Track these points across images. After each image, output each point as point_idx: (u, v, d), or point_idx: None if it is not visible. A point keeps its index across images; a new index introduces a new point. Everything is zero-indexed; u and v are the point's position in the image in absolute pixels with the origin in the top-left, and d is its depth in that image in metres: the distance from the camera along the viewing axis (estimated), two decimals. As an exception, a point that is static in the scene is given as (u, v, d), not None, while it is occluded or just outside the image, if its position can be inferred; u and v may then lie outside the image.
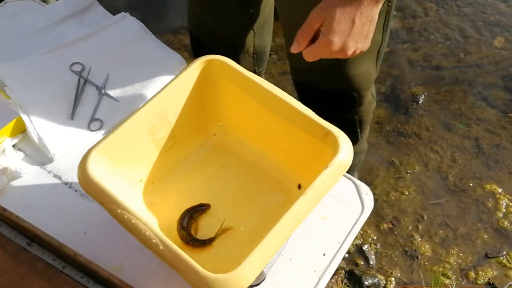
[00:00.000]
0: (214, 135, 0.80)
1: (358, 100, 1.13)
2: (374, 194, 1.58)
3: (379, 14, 0.81)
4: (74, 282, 0.73)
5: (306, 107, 0.69)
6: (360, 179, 0.88)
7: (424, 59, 2.02)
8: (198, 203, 0.74)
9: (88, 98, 0.93)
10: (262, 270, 0.71)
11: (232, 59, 0.75)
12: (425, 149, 1.74)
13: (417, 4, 2.20)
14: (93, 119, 0.91)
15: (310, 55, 0.80)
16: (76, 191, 0.83)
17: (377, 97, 1.87)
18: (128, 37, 1.01)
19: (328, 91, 1.00)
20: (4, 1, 1.09)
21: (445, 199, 1.63)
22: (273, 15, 1.24)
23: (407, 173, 1.68)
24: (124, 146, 0.68)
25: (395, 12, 2.17)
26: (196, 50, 1.31)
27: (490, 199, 1.62)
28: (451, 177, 1.68)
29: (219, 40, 1.20)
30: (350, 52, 0.80)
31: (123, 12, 1.04)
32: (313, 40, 0.79)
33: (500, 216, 1.59)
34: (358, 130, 1.25)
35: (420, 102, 1.87)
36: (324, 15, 0.77)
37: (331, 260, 0.77)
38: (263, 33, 1.25)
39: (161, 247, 0.57)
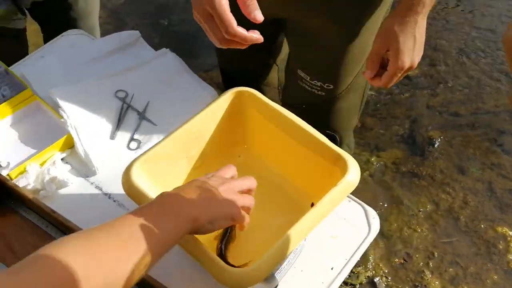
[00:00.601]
0: (239, 156, 0.91)
1: (338, 145, 1.20)
2: (388, 230, 1.67)
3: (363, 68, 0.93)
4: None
5: (322, 135, 0.79)
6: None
7: (442, 105, 2.11)
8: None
9: (129, 121, 1.05)
10: (275, 277, 0.79)
11: (259, 91, 0.86)
12: (438, 190, 1.81)
13: (437, 53, 2.32)
14: (132, 139, 1.02)
15: (385, 80, 0.90)
16: (114, 201, 0.94)
17: (395, 138, 1.97)
18: (168, 70, 1.13)
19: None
20: (62, 34, 1.23)
21: (456, 238, 1.69)
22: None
23: (420, 211, 1.75)
24: (162, 159, 0.79)
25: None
26: (226, 84, 1.43)
27: (501, 241, 1.68)
28: (462, 218, 1.74)
29: (245, 74, 1.31)
30: (416, 65, 0.90)
31: (164, 49, 1.17)
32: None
33: (511, 258, 1.63)
34: None
35: (436, 145, 1.95)
36: (388, 41, 0.87)
37: (338, 274, 0.85)
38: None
39: (189, 243, 0.67)
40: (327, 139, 0.79)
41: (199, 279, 0.80)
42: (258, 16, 0.69)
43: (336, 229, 0.90)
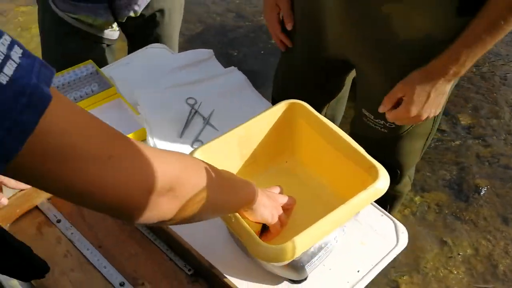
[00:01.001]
0: (286, 162, 1.03)
1: (398, 176, 1.29)
2: (424, 267, 1.71)
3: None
4: (160, 253, 0.96)
5: (360, 146, 0.90)
6: (413, 251, 1.04)
7: (493, 156, 2.15)
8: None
9: (195, 125, 1.20)
10: (305, 269, 0.89)
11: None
12: (479, 236, 1.84)
13: (493, 106, 2.36)
14: (196, 140, 1.17)
15: (392, 117, 1.06)
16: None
17: (441, 182, 2.02)
18: (233, 85, 1.28)
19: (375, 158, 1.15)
20: (146, 47, 1.42)
21: (493, 285, 1.70)
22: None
23: (459, 254, 1.78)
24: (219, 151, 0.92)
25: (470, 111, 2.34)
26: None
27: (538, 295, 1.68)
28: (501, 266, 1.75)
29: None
30: (423, 118, 1.04)
31: (233, 67, 1.33)
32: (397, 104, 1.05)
33: (547, 312, 1.63)
34: (388, 206, 1.40)
35: (482, 193, 1.98)
36: (406, 89, 1.01)
37: (364, 276, 0.94)
38: (336, 106, 1.42)
39: (233, 220, 0.79)
40: (364, 150, 0.89)
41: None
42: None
43: (366, 237, 0.99)
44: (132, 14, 1.42)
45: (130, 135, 1.13)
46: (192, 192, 0.58)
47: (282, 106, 0.98)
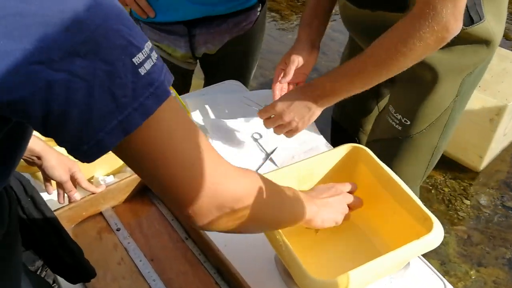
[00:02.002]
0: (342, 204, 1.04)
1: None
2: None
3: (439, 120, 1.20)
4: (208, 275, 0.99)
5: (416, 196, 0.91)
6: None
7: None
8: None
9: (257, 158, 1.25)
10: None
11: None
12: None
13: None
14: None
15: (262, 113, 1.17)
16: (228, 216, 1.12)
17: (501, 260, 1.93)
18: None
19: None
20: (223, 82, 1.51)
21: None
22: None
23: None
24: (278, 183, 0.95)
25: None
26: (333, 134, 1.66)
27: None
28: None
29: (352, 123, 1.48)
30: (285, 119, 1.12)
31: None
32: None
33: None
34: None
35: (544, 277, 1.88)
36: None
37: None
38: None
39: (283, 248, 0.81)
40: (420, 200, 0.90)
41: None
42: None
43: (413, 292, 0.98)
44: (208, 51, 1.52)
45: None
46: (252, 213, 0.64)
47: (344, 148, 1.00)
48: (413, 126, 1.25)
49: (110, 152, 0.52)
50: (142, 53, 0.49)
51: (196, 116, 1.33)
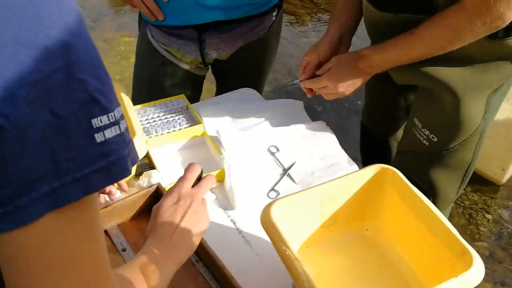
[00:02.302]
0: (367, 229, 0.96)
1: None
2: None
3: (471, 139, 1.13)
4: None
5: (453, 227, 0.82)
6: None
7: None
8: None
9: (274, 174, 1.16)
10: None
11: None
12: None
13: None
14: (272, 189, 1.13)
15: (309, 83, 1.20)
16: (243, 237, 1.04)
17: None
18: (319, 140, 1.24)
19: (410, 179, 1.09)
20: (237, 90, 1.43)
21: None
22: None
23: None
24: (299, 206, 0.87)
25: None
26: (363, 136, 1.60)
27: None
28: None
29: (381, 129, 1.42)
30: (340, 90, 1.16)
31: (321, 121, 1.29)
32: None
33: None
34: None
35: None
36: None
37: None
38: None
39: (305, 284, 0.73)
40: (457, 232, 0.81)
41: None
42: None
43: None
44: (219, 57, 1.44)
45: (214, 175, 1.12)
46: None
47: (372, 169, 0.92)
48: (441, 144, 1.19)
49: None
50: (107, 117, 0.41)
51: (209, 127, 1.25)
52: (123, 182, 0.98)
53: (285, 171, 1.17)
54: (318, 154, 1.21)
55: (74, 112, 0.39)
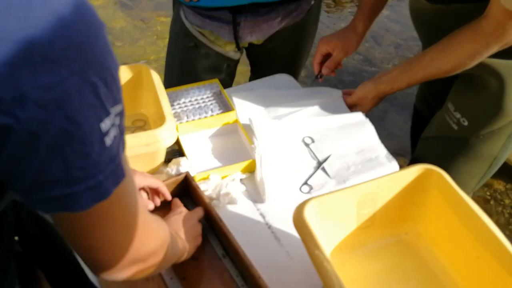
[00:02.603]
0: (406, 233, 0.89)
1: None
2: None
3: (503, 130, 1.12)
4: (246, 301, 0.86)
5: (506, 239, 0.75)
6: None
7: None
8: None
9: (307, 166, 1.10)
10: None
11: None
12: None
13: None
14: (305, 183, 1.07)
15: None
16: (272, 232, 0.99)
17: None
18: (359, 133, 1.17)
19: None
20: (273, 75, 1.37)
21: None
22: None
23: None
24: (336, 206, 0.81)
25: None
26: (415, 120, 1.58)
27: None
28: None
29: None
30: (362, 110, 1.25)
31: (360, 113, 1.22)
32: None
33: None
34: None
35: None
36: (360, 100, 1.27)
37: None
38: None
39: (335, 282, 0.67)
40: (509, 243, 0.74)
41: None
42: None
43: None
44: (254, 41, 1.38)
45: (239, 165, 1.07)
46: (156, 265, 0.63)
47: (416, 170, 0.85)
48: (470, 128, 1.16)
49: (144, 151, 0.55)
50: (109, 118, 0.40)
51: (241, 114, 1.20)
52: (166, 191, 0.96)
53: (320, 164, 1.11)
54: (355, 147, 1.14)
55: (87, 118, 0.38)
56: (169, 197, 0.96)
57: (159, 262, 0.63)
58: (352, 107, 1.27)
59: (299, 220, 0.77)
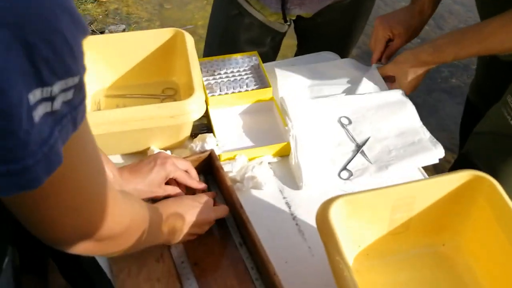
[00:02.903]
0: (443, 245, 0.80)
1: None
2: None
3: None
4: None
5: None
6: None
7: None
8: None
9: (346, 150, 1.02)
10: None
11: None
12: None
13: None
14: (344, 168, 0.98)
15: None
16: (296, 224, 0.91)
17: None
18: (398, 110, 1.07)
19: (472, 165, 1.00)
20: (319, 52, 1.27)
21: None
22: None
23: None
24: (367, 207, 0.73)
25: None
26: (467, 112, 1.49)
27: None
28: None
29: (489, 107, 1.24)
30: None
31: (401, 90, 1.12)
32: None
33: None
34: None
35: None
36: (396, 70, 1.15)
37: None
38: None
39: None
40: None
41: None
42: None
43: None
44: (303, 14, 1.27)
45: (271, 147, 0.99)
46: (115, 247, 0.60)
47: (463, 176, 0.75)
48: None
49: (169, 124, 0.59)
50: (44, 91, 0.33)
51: (281, 89, 1.11)
52: (197, 184, 0.90)
53: (359, 147, 1.01)
54: (395, 128, 1.04)
55: (14, 85, 0.30)
56: (194, 185, 0.90)
57: (121, 245, 0.60)
58: (390, 83, 1.14)
59: (322, 220, 0.69)
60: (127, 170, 0.84)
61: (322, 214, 0.69)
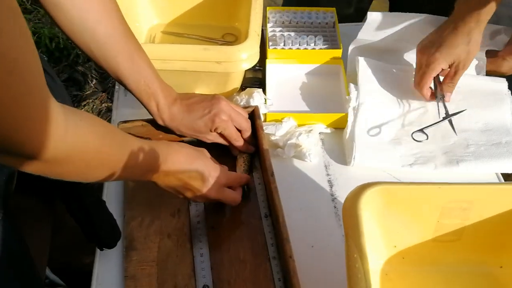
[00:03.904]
0: (501, 267, 0.65)
1: None
2: None
3: None
4: (270, 276, 0.70)
5: None
6: None
7: None
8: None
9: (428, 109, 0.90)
10: None
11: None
12: None
13: None
14: (419, 130, 0.85)
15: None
16: (335, 207, 0.80)
17: None
18: (492, 104, 0.91)
19: None
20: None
21: None
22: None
23: None
24: (407, 204, 0.60)
25: None
26: None
27: None
28: None
29: None
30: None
31: (504, 79, 0.95)
32: None
33: None
34: None
35: None
36: None
37: None
38: None
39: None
40: None
41: None
42: None
43: None
44: None
45: (327, 116, 0.87)
46: (77, 170, 0.54)
47: (541, 189, 0.59)
48: None
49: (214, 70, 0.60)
50: None
51: (349, 52, 0.98)
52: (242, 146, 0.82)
53: (447, 115, 0.86)
54: (481, 122, 0.88)
55: None
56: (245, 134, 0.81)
57: (71, 172, 0.54)
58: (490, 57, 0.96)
59: (350, 206, 0.57)
60: (178, 103, 0.77)
61: (352, 200, 0.58)
